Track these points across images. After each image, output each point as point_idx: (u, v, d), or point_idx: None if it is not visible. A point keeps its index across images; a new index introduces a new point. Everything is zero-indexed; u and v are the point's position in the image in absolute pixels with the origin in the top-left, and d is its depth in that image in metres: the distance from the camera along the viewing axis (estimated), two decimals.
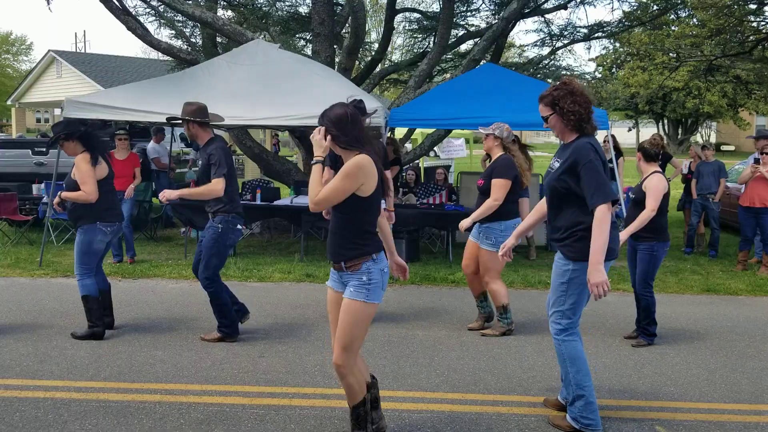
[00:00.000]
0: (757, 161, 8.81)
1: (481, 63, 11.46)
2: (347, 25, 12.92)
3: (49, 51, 30.29)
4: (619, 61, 37.57)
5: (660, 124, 47.23)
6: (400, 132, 14.33)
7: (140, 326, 5.97)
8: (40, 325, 5.91)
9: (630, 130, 49.71)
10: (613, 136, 9.69)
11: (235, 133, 11.61)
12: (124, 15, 11.00)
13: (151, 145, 11.48)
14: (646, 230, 5.71)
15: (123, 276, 7.98)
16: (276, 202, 9.70)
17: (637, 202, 5.78)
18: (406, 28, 15.91)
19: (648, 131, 49.93)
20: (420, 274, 8.21)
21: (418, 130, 15.32)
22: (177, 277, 8.00)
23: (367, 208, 3.47)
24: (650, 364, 5.27)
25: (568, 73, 14.46)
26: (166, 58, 12.71)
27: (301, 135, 11.55)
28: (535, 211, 4.35)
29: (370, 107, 8.02)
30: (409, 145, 16.07)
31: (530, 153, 6.57)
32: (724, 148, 44.32)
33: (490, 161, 5.99)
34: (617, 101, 31.60)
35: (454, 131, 15.29)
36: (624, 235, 5.63)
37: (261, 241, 10.75)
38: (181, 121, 5.68)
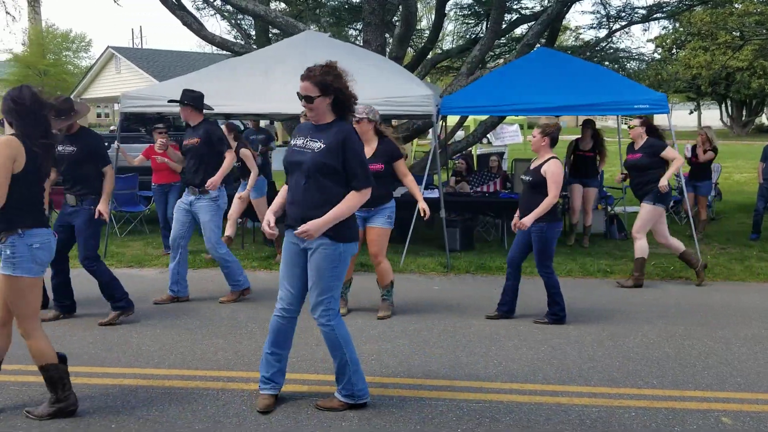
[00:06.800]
0: None
1: (536, 47, 11.24)
2: (398, 13, 12.86)
3: (108, 47, 31.18)
4: (679, 42, 36.38)
5: (723, 105, 45.63)
6: (452, 120, 14.22)
7: (200, 316, 6.11)
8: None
9: (692, 112, 48.17)
10: (592, 122, 9.42)
11: (288, 124, 11.71)
12: (179, 10, 11.23)
13: None
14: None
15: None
16: None
17: (533, 185, 5.69)
18: (458, 14, 15.75)
19: (710, 113, 48.34)
20: (475, 264, 8.14)
21: (470, 117, 15.17)
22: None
23: (19, 184, 3.73)
24: (715, 354, 5.12)
25: (627, 54, 14.02)
26: (221, 51, 12.92)
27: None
28: (279, 195, 4.19)
29: (422, 94, 8.02)
30: (461, 133, 15.93)
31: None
32: None
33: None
34: (678, 83, 30.58)
35: (507, 117, 15.07)
36: (528, 220, 5.61)
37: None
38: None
